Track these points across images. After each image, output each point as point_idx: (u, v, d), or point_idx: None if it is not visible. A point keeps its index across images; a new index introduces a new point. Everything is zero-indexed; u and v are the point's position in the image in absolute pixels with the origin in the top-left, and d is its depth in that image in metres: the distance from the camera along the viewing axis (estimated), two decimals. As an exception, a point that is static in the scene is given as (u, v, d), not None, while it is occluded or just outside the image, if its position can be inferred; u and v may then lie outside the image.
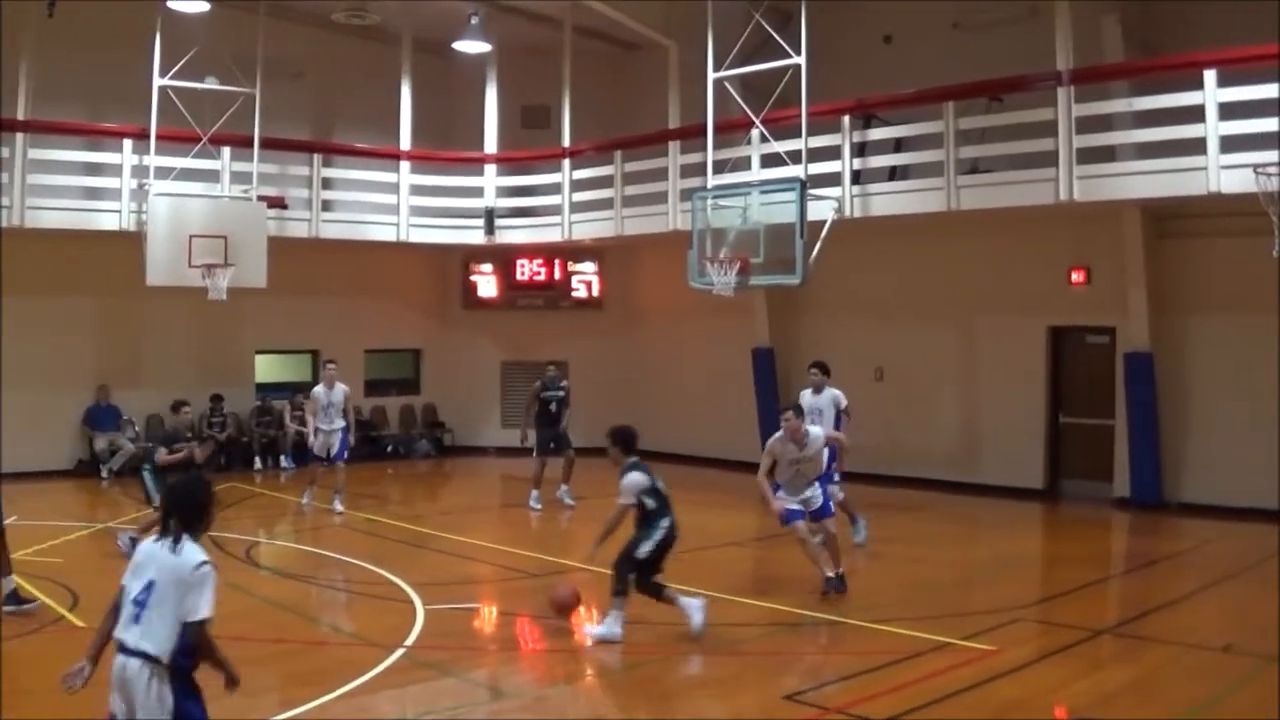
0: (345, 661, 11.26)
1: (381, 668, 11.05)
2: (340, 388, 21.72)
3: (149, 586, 7.01)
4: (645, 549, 12.66)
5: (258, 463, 26.77)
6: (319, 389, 21.83)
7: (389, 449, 29.55)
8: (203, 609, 7.01)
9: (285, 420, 26.84)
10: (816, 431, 14.93)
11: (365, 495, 23.13)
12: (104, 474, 24.63)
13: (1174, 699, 10.71)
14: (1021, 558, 18.22)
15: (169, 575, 7.00)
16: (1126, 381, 21.36)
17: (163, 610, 6.95)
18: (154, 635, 6.92)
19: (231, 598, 14.14)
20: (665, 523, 12.93)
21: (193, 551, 7.13)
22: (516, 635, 13.30)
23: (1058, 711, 10.45)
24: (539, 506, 21.58)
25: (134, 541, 14.01)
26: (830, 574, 14.56)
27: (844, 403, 17.81)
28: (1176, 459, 21.20)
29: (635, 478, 13.09)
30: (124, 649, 6.98)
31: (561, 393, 22.11)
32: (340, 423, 21.65)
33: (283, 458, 26.97)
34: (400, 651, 11.72)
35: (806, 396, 17.81)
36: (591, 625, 12.75)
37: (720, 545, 18.58)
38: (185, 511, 7.29)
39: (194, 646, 7.04)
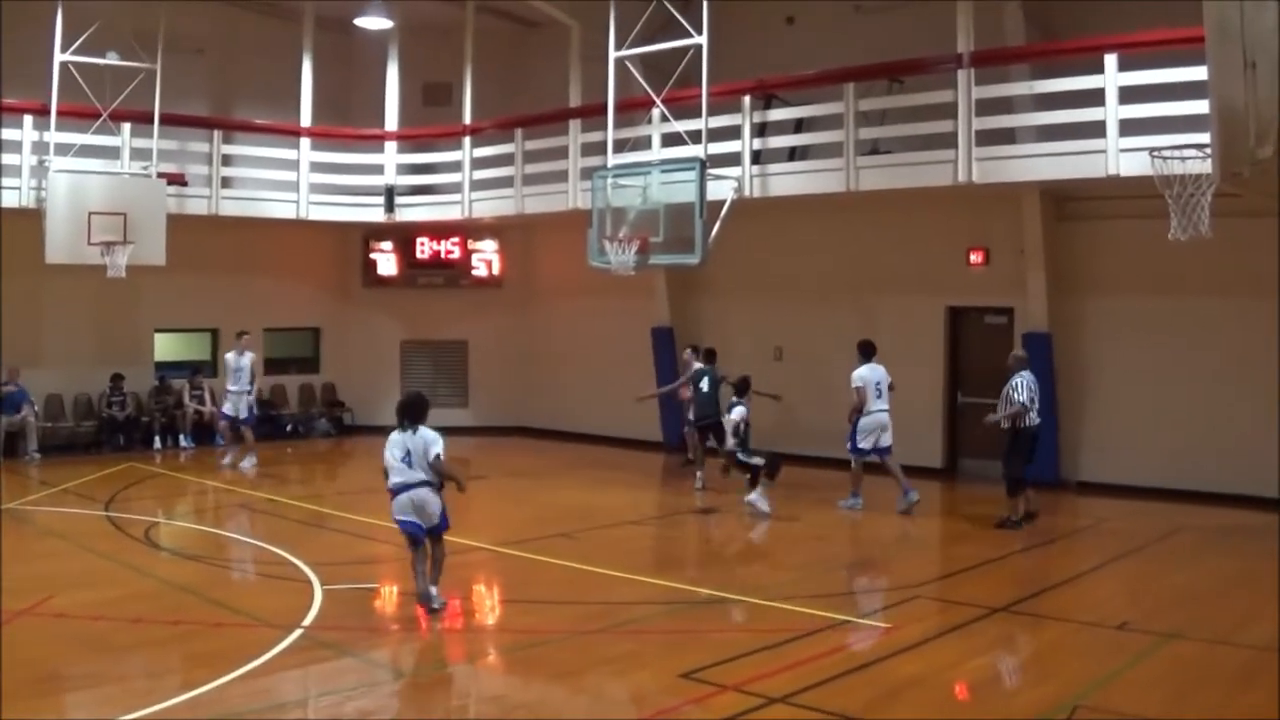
0: (244, 642, 11.16)
1: (280, 648, 10.99)
2: (249, 354, 23.47)
3: (408, 454, 12.51)
4: None
5: (157, 442, 26.41)
6: (230, 354, 23.66)
7: (288, 428, 29.32)
8: (440, 450, 12.48)
9: (185, 399, 26.57)
10: None
11: (264, 475, 22.98)
12: (33, 455, 24.45)
13: (1071, 675, 10.85)
14: (920, 536, 18.37)
15: (417, 447, 12.50)
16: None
17: (421, 462, 12.49)
18: (419, 472, 12.51)
19: (130, 579, 14.13)
20: None
21: (426, 433, 12.56)
22: (416, 615, 13.26)
23: (958, 690, 10.55)
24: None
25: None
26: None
27: None
28: (1074, 438, 21.47)
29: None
30: (407, 487, 12.54)
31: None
32: (249, 386, 23.47)
33: (182, 437, 26.62)
34: (298, 632, 11.66)
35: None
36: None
37: (619, 524, 18.64)
38: (412, 413, 12.64)
39: (440, 470, 12.55)
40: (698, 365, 22.48)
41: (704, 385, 21.30)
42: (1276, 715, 9.49)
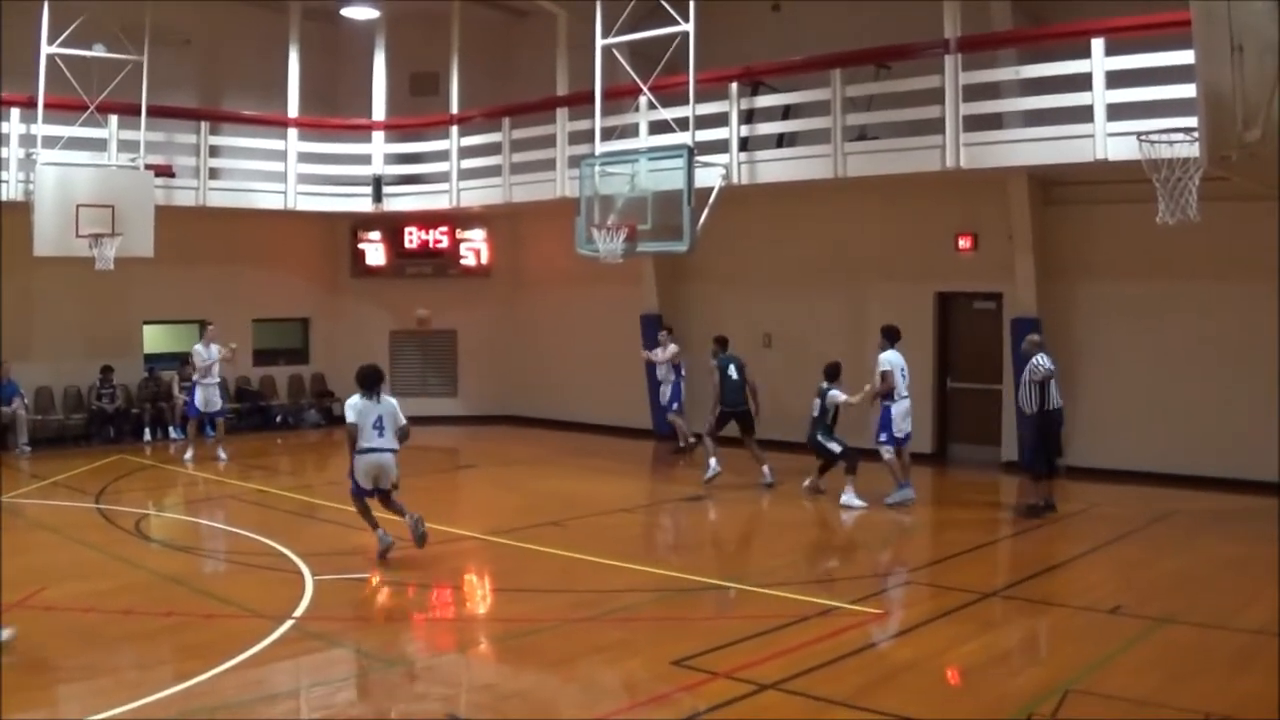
0: (235, 634, 11.14)
1: (271, 639, 10.97)
2: (215, 346, 23.37)
3: (380, 419, 14.25)
4: None
5: (147, 434, 26.40)
6: (199, 346, 23.46)
7: (278, 419, 29.27)
8: (404, 419, 14.53)
9: (174, 391, 26.51)
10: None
11: (254, 466, 22.99)
12: (24, 449, 24.37)
13: (1063, 660, 10.86)
14: (911, 522, 18.34)
15: (387, 412, 14.37)
16: (1013, 346, 21.52)
17: (392, 428, 14.35)
18: (391, 440, 14.35)
19: (121, 571, 14.11)
20: None
21: (387, 399, 14.54)
22: (406, 605, 13.26)
23: (951, 675, 10.54)
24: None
25: None
26: None
27: None
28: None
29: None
30: (379, 450, 14.31)
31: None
32: (218, 378, 23.68)
33: (172, 429, 26.57)
34: (290, 623, 11.63)
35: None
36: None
37: (610, 511, 18.63)
38: (370, 383, 14.41)
39: (405, 435, 14.59)
40: (674, 347, 24.08)
41: (732, 373, 20.98)
42: (1275, 699, 9.47)
